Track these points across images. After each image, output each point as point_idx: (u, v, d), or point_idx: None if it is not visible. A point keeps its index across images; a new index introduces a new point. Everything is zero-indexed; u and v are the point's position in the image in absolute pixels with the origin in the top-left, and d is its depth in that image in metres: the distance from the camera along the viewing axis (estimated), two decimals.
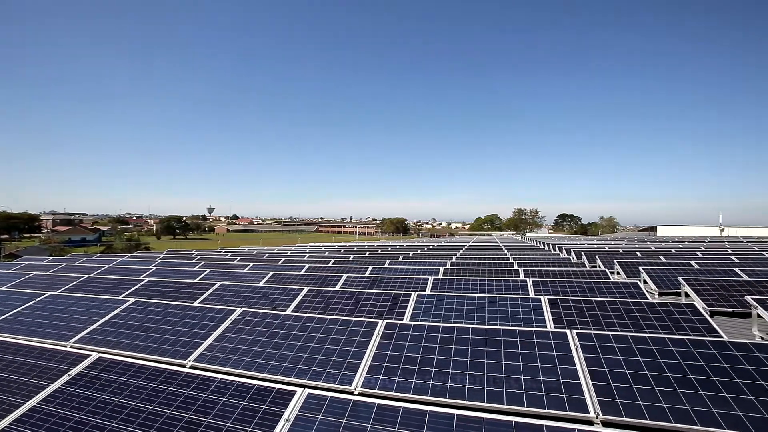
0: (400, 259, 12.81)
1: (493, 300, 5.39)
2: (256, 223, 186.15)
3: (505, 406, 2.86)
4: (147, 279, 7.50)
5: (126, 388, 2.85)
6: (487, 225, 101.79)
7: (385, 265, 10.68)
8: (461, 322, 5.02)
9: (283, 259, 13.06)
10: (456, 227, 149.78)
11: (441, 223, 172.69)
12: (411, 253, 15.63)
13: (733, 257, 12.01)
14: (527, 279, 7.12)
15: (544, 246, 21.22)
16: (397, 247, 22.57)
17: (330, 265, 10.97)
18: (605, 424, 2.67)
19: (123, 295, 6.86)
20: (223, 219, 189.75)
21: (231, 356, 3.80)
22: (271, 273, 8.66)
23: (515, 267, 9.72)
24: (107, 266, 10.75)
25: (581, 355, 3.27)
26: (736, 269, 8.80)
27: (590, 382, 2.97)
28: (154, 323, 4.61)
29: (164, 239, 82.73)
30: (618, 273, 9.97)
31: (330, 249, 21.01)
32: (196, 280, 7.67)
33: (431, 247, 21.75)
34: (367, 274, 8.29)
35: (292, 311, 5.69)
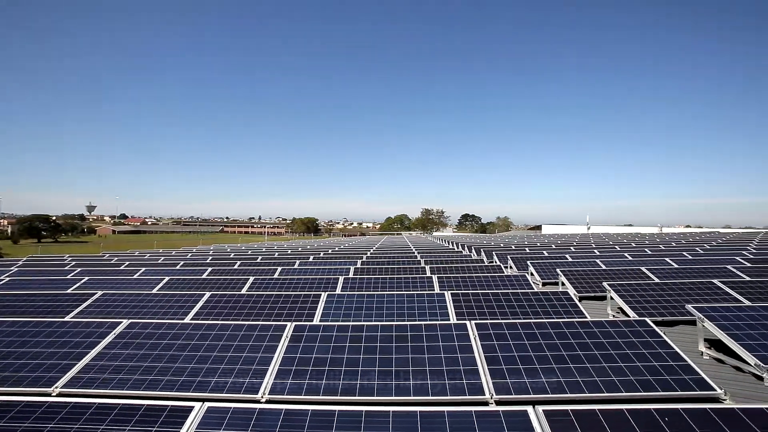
0: (311, 260, 12.60)
1: (402, 297, 5.62)
2: (150, 223, 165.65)
3: (412, 398, 3.00)
4: None
5: None
6: (397, 225, 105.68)
7: (295, 266, 10.41)
8: (371, 319, 5.13)
9: (182, 262, 11.87)
10: (367, 227, 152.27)
11: (352, 223, 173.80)
12: (322, 253, 15.48)
13: (595, 251, 14.35)
14: (433, 275, 7.57)
15: (449, 244, 22.82)
16: (308, 247, 22.17)
17: (236, 267, 10.31)
18: (498, 402, 2.96)
19: None
20: (107, 219, 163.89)
21: (114, 375, 3.33)
22: (166, 278, 7.81)
23: (422, 264, 10.27)
24: None
25: (479, 343, 3.59)
26: (598, 260, 10.55)
27: (486, 368, 3.28)
28: (4, 347, 3.79)
29: (25, 243, 68.25)
30: (511, 267, 11.23)
31: (236, 250, 19.74)
32: (68, 291, 6.53)
33: (342, 246, 21.83)
34: (276, 276, 7.96)
35: (192, 319, 5.21)
